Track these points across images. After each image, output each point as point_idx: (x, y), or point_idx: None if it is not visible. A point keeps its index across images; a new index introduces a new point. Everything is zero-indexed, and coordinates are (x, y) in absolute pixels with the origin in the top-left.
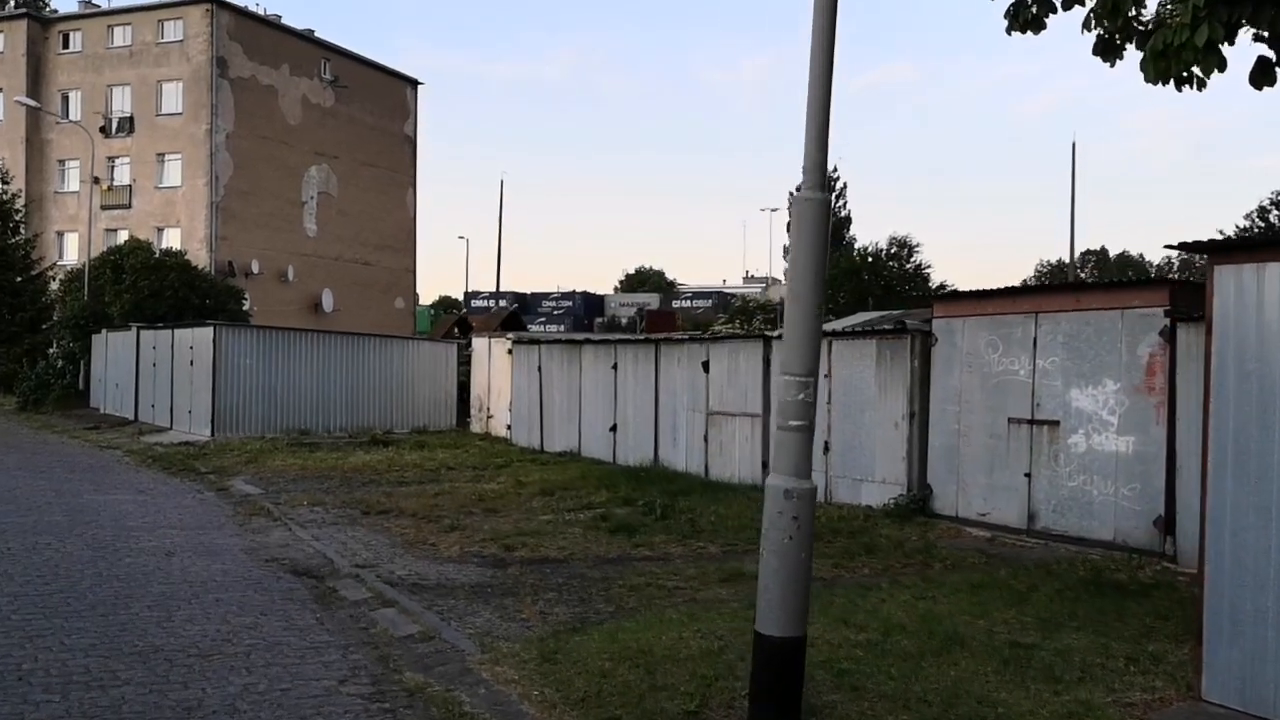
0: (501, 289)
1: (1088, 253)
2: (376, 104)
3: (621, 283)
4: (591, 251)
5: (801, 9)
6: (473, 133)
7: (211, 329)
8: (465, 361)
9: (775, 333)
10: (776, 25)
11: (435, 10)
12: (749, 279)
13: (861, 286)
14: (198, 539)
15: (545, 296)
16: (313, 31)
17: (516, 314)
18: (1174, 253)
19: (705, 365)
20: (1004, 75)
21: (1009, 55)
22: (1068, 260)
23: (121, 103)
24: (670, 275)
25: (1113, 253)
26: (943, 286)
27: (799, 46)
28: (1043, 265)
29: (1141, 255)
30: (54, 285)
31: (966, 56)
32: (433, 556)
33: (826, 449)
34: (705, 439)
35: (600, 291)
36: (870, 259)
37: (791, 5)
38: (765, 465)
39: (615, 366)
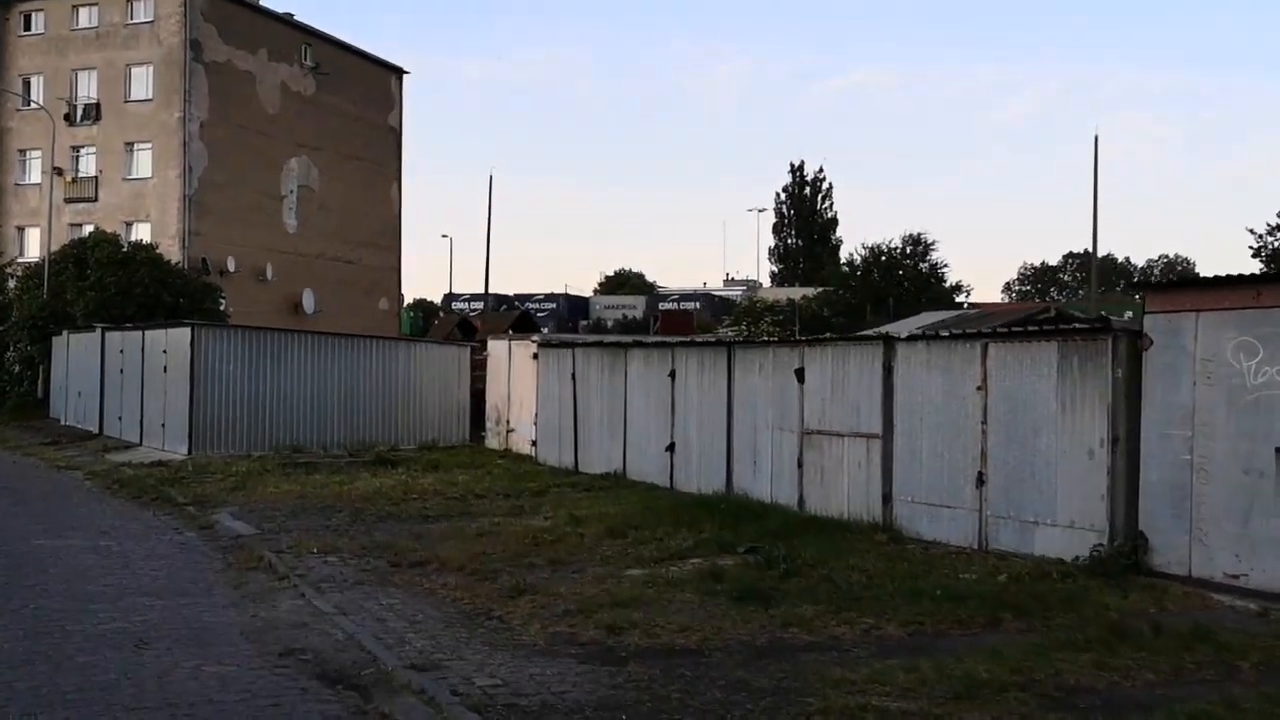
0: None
1: (1070, 255)
2: (360, 93)
3: (601, 285)
4: (569, 253)
5: (782, 13)
6: (447, 130)
7: (188, 330)
8: (478, 367)
9: (903, 333)
10: (756, 29)
11: (412, 3)
12: (730, 281)
13: (874, 287)
14: (180, 614)
15: (528, 298)
16: (292, 15)
17: (528, 314)
18: (1156, 257)
19: (800, 373)
20: (992, 78)
21: (996, 56)
22: (1056, 262)
23: (87, 88)
24: (650, 277)
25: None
26: (959, 286)
27: (779, 50)
28: (1026, 268)
29: (1127, 259)
30: (11, 283)
31: (948, 59)
32: (511, 643)
33: (981, 481)
34: (800, 464)
35: (579, 293)
36: (882, 257)
37: (774, 7)
38: (886, 498)
39: (673, 374)
